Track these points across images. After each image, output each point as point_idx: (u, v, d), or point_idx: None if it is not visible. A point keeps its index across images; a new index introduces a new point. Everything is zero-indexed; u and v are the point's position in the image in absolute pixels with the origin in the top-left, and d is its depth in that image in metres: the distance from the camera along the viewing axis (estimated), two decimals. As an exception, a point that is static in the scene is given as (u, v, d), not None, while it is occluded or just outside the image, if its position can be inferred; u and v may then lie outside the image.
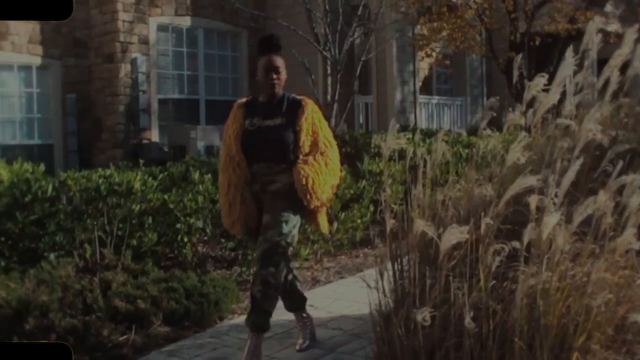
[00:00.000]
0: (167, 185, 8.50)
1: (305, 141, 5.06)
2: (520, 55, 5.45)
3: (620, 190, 3.55)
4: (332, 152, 5.19)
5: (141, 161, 9.39)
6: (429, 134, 11.53)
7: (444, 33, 15.52)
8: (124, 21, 15.13)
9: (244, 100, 5.34)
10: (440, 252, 3.36)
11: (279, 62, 5.06)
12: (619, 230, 3.24)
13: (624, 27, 18.21)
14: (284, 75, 5.10)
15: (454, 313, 3.33)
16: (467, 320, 3.12)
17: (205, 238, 7.97)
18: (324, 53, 12.40)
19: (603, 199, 3.07)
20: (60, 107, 15.20)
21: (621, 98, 5.21)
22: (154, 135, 15.55)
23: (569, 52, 4.50)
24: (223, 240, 8.00)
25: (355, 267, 8.19)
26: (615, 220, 3.25)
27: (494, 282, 3.32)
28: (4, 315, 5.72)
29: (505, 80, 13.86)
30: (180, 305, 6.18)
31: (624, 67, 5.07)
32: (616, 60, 4.83)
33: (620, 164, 3.70)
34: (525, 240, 3.08)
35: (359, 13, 12.89)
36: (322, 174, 5.07)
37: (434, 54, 16.17)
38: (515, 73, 5.49)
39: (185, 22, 16.66)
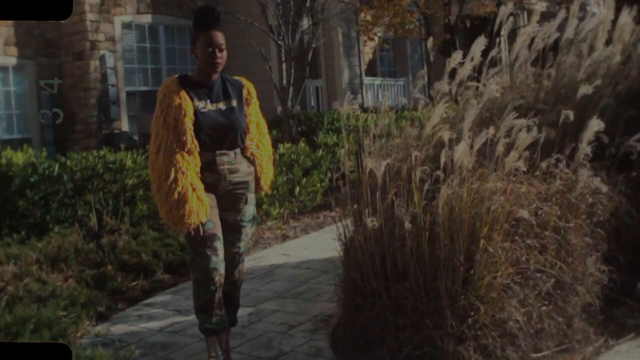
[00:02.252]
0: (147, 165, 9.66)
1: (251, 124, 4.81)
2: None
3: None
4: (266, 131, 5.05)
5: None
6: (376, 110, 12.77)
7: (385, 19, 16.77)
8: (91, 21, 16.14)
9: (175, 77, 4.67)
10: (384, 180, 4.68)
11: (222, 38, 4.59)
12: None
13: (549, 6, 19.67)
14: (226, 53, 4.63)
15: (397, 224, 4.63)
16: (406, 224, 4.42)
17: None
18: (278, 42, 13.36)
19: (492, 131, 4.42)
20: (35, 103, 16.16)
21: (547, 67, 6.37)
22: (124, 125, 16.60)
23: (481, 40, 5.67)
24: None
25: (318, 225, 9.46)
26: (507, 149, 4.58)
27: (425, 201, 4.63)
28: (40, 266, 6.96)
29: (443, 60, 15.08)
30: (176, 257, 7.46)
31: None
32: (523, 37, 6.03)
33: (514, 113, 5.05)
34: (442, 161, 4.41)
35: (307, 5, 13.85)
36: (271, 157, 5.02)
37: (376, 38, 17.41)
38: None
39: (147, 19, 17.72)
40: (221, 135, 4.59)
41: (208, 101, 4.60)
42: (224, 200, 4.68)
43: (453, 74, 5.36)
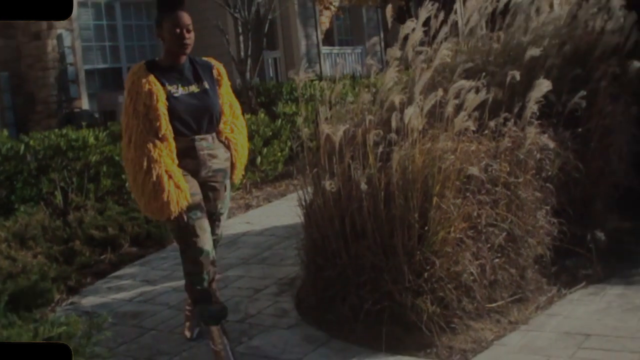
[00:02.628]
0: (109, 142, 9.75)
1: (224, 106, 4.67)
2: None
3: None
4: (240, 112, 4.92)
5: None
6: (332, 79, 12.96)
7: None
8: (47, 0, 15.94)
9: (142, 63, 4.49)
10: (341, 145, 4.86)
11: (189, 19, 4.42)
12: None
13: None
14: (193, 34, 4.46)
15: (354, 186, 4.82)
16: (363, 185, 4.61)
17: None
18: (235, 15, 13.41)
19: (440, 93, 4.62)
20: (-7, 85, 16.10)
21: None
22: (84, 104, 16.53)
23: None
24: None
25: (280, 194, 9.64)
26: (456, 110, 4.78)
27: (380, 163, 4.82)
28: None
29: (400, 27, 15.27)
30: (142, 229, 7.60)
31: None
32: (473, 1, 6.24)
33: (463, 75, 5.26)
34: (393, 124, 4.60)
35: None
36: (247, 140, 4.88)
37: (332, 7, 17.54)
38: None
39: (103, -4, 17.65)
40: (197, 119, 4.43)
41: (180, 85, 4.43)
42: (204, 189, 4.54)
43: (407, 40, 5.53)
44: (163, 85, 4.34)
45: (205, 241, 4.41)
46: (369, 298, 4.68)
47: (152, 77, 4.32)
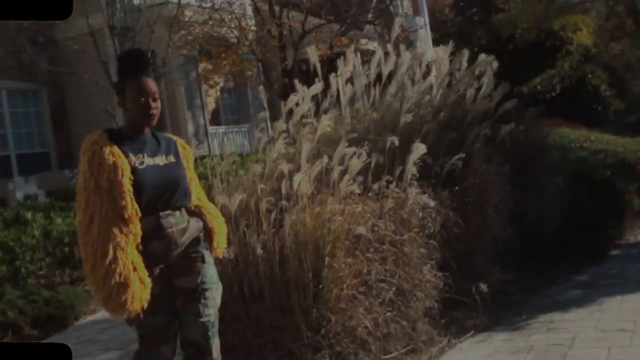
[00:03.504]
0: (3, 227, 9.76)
1: (192, 184, 4.06)
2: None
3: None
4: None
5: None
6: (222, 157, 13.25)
7: (225, 68, 17.31)
8: None
9: (100, 132, 3.80)
10: (235, 214, 5.14)
11: (155, 86, 3.88)
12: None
13: (380, 45, 20.66)
14: (159, 103, 3.91)
15: (250, 251, 5.08)
16: (258, 250, 4.89)
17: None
18: (123, 97, 13.55)
19: (325, 160, 4.98)
20: None
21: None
22: (-26, 189, 16.32)
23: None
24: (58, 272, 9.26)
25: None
26: (341, 175, 5.14)
27: (273, 229, 5.11)
28: None
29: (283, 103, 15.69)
30: (42, 312, 7.66)
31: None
32: (343, 73, 6.65)
33: (345, 143, 5.63)
34: (283, 191, 4.92)
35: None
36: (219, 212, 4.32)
37: (218, 87, 17.89)
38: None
39: (-11, 84, 17.63)
40: (165, 194, 3.81)
41: (145, 155, 3.81)
42: (177, 266, 3.89)
43: (292, 114, 5.89)
44: (127, 156, 3.71)
45: (170, 350, 3.91)
46: (270, 357, 4.91)
47: (115, 148, 3.68)
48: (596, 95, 23.07)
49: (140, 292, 3.59)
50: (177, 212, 3.87)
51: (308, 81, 6.25)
